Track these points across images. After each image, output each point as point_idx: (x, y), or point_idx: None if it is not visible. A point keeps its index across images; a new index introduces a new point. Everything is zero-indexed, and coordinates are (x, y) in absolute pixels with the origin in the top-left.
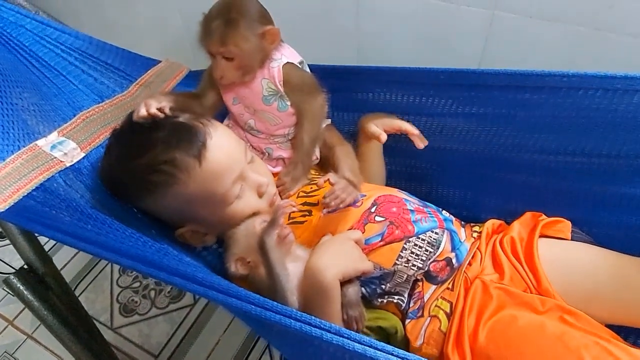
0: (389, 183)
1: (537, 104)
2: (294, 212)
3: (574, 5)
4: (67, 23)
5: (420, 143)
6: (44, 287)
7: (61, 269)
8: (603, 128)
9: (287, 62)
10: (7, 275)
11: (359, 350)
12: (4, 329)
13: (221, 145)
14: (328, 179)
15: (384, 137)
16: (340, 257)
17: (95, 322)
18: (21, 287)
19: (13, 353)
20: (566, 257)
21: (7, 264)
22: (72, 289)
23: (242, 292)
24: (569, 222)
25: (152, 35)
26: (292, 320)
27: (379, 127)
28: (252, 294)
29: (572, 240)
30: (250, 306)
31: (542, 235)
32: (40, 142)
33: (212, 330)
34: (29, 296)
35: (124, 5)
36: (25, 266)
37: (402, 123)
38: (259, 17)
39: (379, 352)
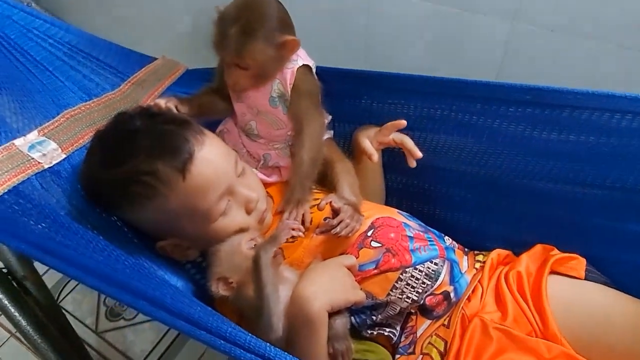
0: (389, 201)
1: (557, 125)
2: (300, 236)
3: (601, 20)
4: (75, 17)
5: (413, 160)
6: (22, 291)
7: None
8: (628, 159)
9: (303, 65)
10: None
11: None
12: None
13: (209, 158)
14: (330, 202)
15: (375, 157)
16: (330, 286)
17: (79, 324)
18: None
19: None
20: (578, 299)
21: None
22: (60, 288)
23: (212, 324)
24: (584, 260)
25: (161, 31)
26: None
27: (373, 142)
28: (224, 324)
29: (586, 279)
30: (220, 341)
31: (552, 272)
32: (18, 142)
33: (197, 343)
34: (4, 301)
35: (133, 0)
36: (4, 269)
37: (397, 135)
38: (279, 25)
39: None
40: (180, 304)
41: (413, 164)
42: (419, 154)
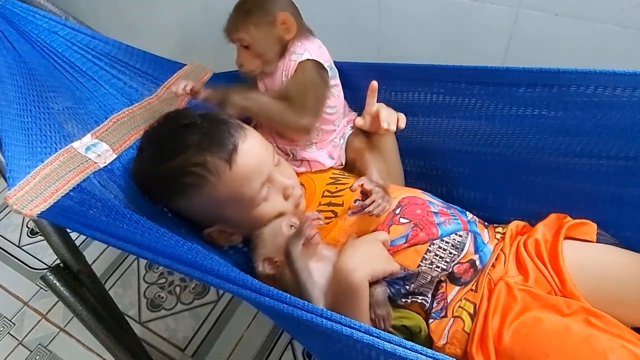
0: (410, 184)
1: (563, 103)
2: (320, 224)
3: (600, 2)
4: (88, 24)
5: (384, 127)
6: (78, 283)
7: (91, 264)
8: (630, 130)
9: (308, 59)
10: (43, 272)
11: (389, 349)
12: (38, 322)
13: (251, 149)
14: (362, 185)
15: (359, 120)
16: (369, 259)
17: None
18: (57, 284)
19: (47, 345)
20: (591, 260)
21: (39, 260)
22: (102, 283)
23: (273, 291)
24: (595, 224)
25: (174, 36)
26: (322, 319)
27: (366, 116)
28: (281, 292)
29: (597, 242)
30: (282, 305)
31: (567, 237)
32: (76, 144)
33: (236, 326)
34: (64, 292)
35: (144, 7)
36: (61, 263)
37: (378, 105)
38: (274, 6)
39: (408, 351)
40: (240, 276)
41: (381, 132)
42: (384, 125)
